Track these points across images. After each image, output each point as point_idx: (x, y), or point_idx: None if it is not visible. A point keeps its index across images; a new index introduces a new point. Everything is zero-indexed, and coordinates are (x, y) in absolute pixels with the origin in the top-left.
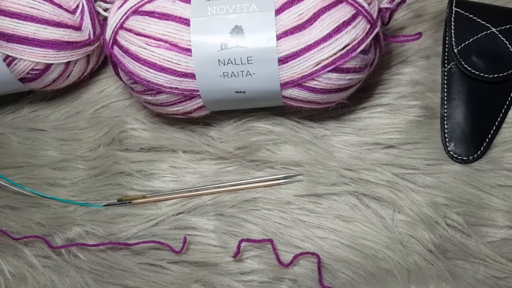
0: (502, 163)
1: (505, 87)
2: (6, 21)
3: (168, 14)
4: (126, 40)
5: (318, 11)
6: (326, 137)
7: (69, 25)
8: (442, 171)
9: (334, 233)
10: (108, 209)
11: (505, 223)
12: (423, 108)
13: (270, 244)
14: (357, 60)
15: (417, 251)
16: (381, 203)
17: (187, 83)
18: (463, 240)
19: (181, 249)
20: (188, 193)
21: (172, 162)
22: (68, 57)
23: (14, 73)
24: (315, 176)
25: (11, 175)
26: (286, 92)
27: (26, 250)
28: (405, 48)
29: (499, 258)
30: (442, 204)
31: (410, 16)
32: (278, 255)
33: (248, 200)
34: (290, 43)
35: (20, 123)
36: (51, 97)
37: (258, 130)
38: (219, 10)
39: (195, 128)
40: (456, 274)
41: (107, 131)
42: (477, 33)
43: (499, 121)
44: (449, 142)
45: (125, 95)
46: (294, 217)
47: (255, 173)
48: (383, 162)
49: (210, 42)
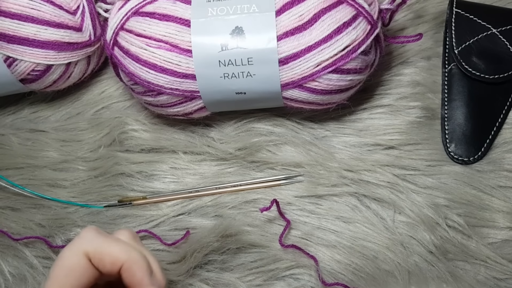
0: (503, 164)
1: (505, 88)
2: (6, 22)
3: (168, 15)
4: (126, 41)
5: (318, 12)
6: (326, 138)
7: (69, 26)
8: (442, 172)
9: (334, 234)
10: (108, 210)
11: (506, 224)
12: (424, 109)
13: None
14: (358, 61)
15: (417, 252)
16: (382, 204)
17: (188, 84)
18: (463, 241)
19: (177, 241)
20: (188, 194)
21: (173, 163)
22: (69, 58)
23: (14, 74)
24: (315, 177)
25: (11, 176)
26: (286, 93)
27: (26, 251)
28: (405, 49)
29: (500, 259)
30: (442, 205)
31: (410, 17)
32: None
33: (249, 201)
34: (290, 44)
35: (20, 124)
36: (52, 98)
37: (259, 131)
38: (219, 11)
39: (196, 129)
40: (457, 275)
41: (107, 132)
42: (478, 34)
43: (499, 122)
44: (450, 143)
45: (126, 96)
46: (294, 218)
47: (256, 174)
48: (383, 163)
49: (211, 43)
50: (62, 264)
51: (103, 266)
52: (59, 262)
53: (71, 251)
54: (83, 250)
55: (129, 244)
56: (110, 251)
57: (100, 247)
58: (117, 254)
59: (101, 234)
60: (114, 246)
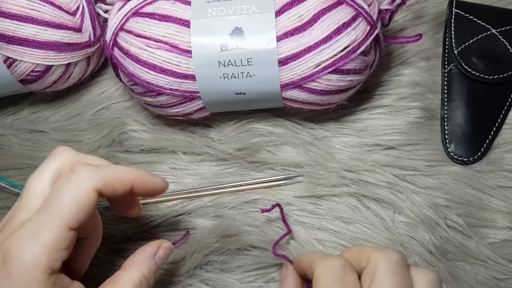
0: (503, 164)
1: (505, 88)
2: (6, 23)
3: (168, 16)
4: (126, 41)
5: (318, 13)
6: (326, 138)
7: (69, 26)
8: (442, 172)
9: (334, 235)
10: (108, 210)
11: (506, 224)
12: (423, 109)
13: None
14: (357, 62)
15: (417, 252)
16: (382, 204)
17: (187, 84)
18: (463, 242)
19: (177, 241)
20: (188, 195)
21: (173, 163)
22: (69, 59)
23: (14, 74)
24: (315, 177)
25: (11, 177)
26: (286, 93)
27: None
28: (405, 49)
29: (500, 260)
30: (442, 205)
31: (410, 18)
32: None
33: (248, 201)
34: (290, 44)
35: (20, 125)
36: (52, 98)
37: (258, 131)
38: (219, 12)
39: (195, 129)
40: (457, 276)
41: (107, 133)
42: (477, 34)
43: (499, 122)
44: (450, 143)
45: (126, 96)
46: (294, 219)
47: (255, 175)
48: (383, 163)
49: (210, 44)
50: (72, 202)
51: (114, 193)
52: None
53: (77, 187)
54: (93, 186)
55: (109, 163)
56: (118, 178)
57: (108, 178)
58: (125, 177)
59: (79, 154)
60: (118, 172)
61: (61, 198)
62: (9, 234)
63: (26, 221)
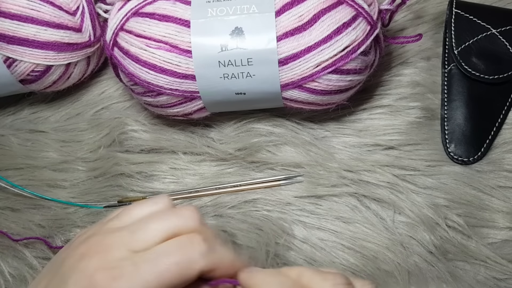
0: (503, 164)
1: (505, 88)
2: (6, 23)
3: (168, 16)
4: (126, 41)
5: (318, 13)
6: (326, 138)
7: (69, 26)
8: (442, 172)
9: (334, 235)
10: (108, 210)
11: (506, 224)
12: (423, 109)
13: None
14: (357, 62)
15: (417, 252)
16: (382, 204)
17: (188, 84)
18: (463, 242)
19: None
20: (188, 195)
21: (173, 163)
22: (69, 59)
23: (14, 74)
24: (315, 177)
25: (11, 177)
26: (286, 93)
27: (26, 251)
28: (405, 49)
29: (500, 260)
30: (442, 206)
31: (410, 18)
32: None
33: (248, 201)
34: (290, 44)
35: (20, 125)
36: (52, 98)
37: (258, 131)
38: (219, 12)
39: (196, 129)
40: (457, 276)
41: (107, 133)
42: (477, 34)
43: (499, 122)
44: (450, 143)
45: (126, 96)
46: (294, 218)
47: (255, 174)
48: (383, 163)
49: (211, 44)
50: (175, 274)
51: (208, 277)
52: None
53: (186, 263)
54: (200, 270)
55: (227, 248)
56: (225, 267)
57: (216, 264)
58: (230, 267)
59: (203, 222)
60: (226, 259)
61: (168, 265)
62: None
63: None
